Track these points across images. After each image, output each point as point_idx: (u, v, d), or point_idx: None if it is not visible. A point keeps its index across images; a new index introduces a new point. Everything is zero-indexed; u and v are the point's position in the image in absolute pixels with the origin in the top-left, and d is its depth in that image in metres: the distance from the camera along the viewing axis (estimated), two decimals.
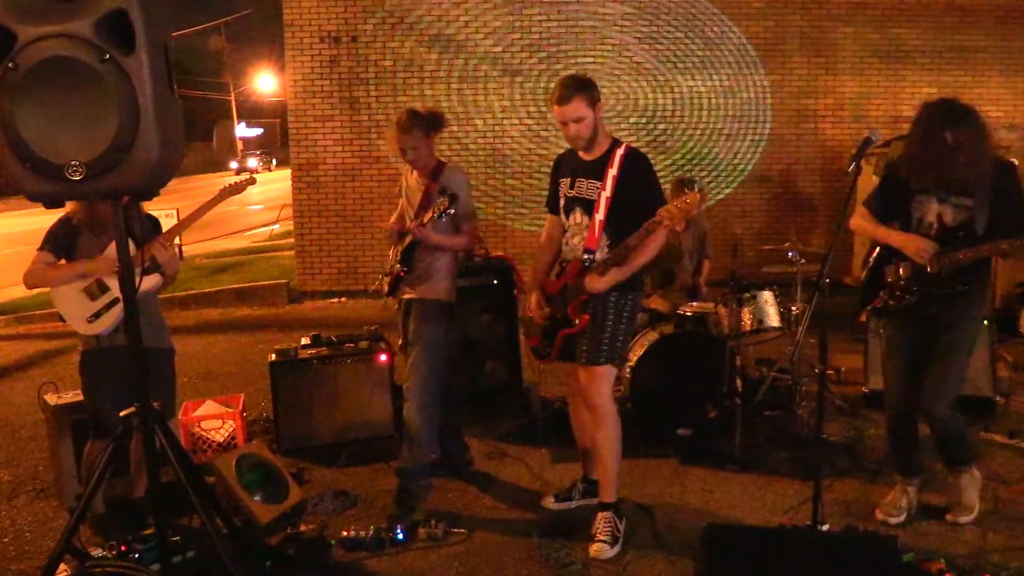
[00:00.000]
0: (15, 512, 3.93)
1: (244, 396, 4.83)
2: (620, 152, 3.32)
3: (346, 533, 3.45)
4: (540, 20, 8.86)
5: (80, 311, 3.37)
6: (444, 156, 3.97)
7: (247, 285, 9.52)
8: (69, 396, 3.88)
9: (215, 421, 4.44)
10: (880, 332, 4.76)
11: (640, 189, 3.28)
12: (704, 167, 9.08)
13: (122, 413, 2.71)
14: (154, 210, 3.68)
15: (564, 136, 3.37)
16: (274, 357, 4.59)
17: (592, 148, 3.37)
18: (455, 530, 3.54)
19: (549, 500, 3.80)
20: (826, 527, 3.23)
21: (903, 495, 3.57)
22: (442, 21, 8.85)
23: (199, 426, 4.41)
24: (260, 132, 49.15)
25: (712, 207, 8.80)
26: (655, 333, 4.62)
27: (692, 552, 3.29)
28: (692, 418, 4.45)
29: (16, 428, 5.16)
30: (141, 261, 3.26)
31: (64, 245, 3.41)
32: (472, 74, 8.93)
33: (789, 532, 3.34)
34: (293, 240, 9.76)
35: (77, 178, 2.31)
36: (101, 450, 2.83)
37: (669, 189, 5.04)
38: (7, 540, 3.65)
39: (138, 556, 3.00)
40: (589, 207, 3.35)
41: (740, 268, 4.70)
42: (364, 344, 4.72)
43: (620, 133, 7.98)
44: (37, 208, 2.56)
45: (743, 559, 3.12)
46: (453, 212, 3.61)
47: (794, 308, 4.91)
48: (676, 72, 8.99)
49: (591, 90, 3.28)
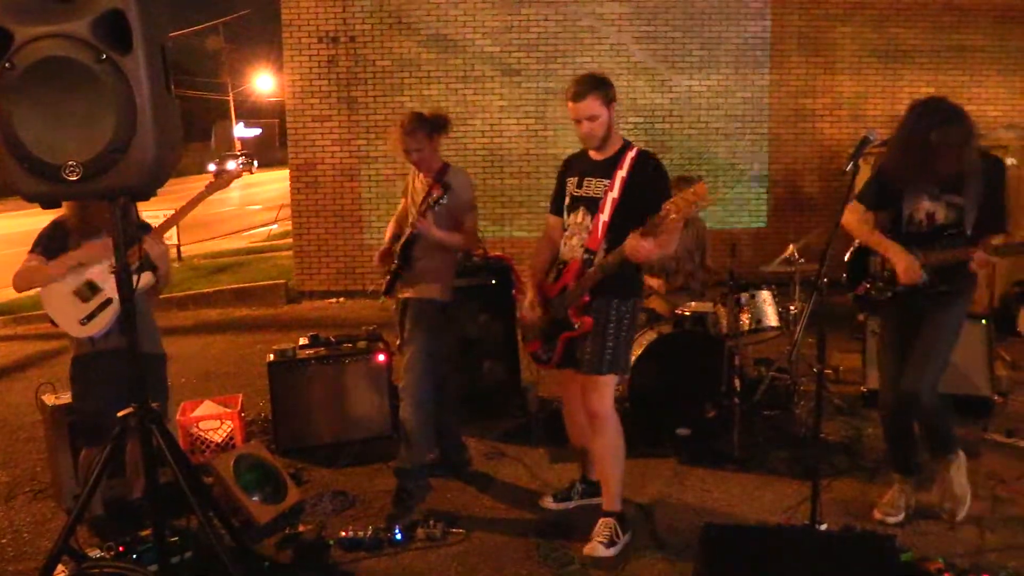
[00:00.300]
0: (13, 513, 3.92)
1: (242, 396, 4.82)
2: (631, 154, 3.27)
3: (344, 533, 3.45)
4: (538, 20, 8.86)
5: (72, 314, 3.32)
6: (442, 155, 3.97)
7: (245, 285, 9.52)
8: (67, 397, 3.86)
9: (213, 421, 4.43)
10: (877, 333, 4.77)
11: (649, 193, 3.17)
12: (702, 167, 9.07)
13: (120, 414, 2.71)
14: (152, 211, 3.67)
15: (577, 134, 3.32)
16: (272, 357, 4.60)
17: (604, 148, 3.33)
18: (453, 530, 3.54)
19: (548, 500, 3.79)
20: (824, 526, 3.22)
21: (901, 494, 3.57)
22: (440, 21, 8.85)
23: (197, 426, 4.40)
24: (258, 132, 49.02)
25: (712, 207, 8.79)
26: (653, 333, 4.62)
27: (691, 551, 3.29)
28: (691, 418, 4.45)
29: (14, 429, 5.16)
30: (136, 258, 3.24)
31: (55, 248, 3.37)
32: (470, 74, 8.92)
33: (788, 531, 3.34)
34: (291, 240, 9.75)
35: (74, 178, 2.31)
36: (98, 451, 2.82)
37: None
38: (5, 541, 3.64)
39: (136, 557, 3.00)
40: (594, 207, 3.29)
41: (738, 268, 4.70)
42: (362, 344, 4.73)
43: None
44: (35, 209, 2.55)
45: (742, 559, 3.12)
46: (445, 201, 3.61)
47: (792, 308, 4.91)
48: (674, 72, 8.99)
49: (606, 89, 3.23)
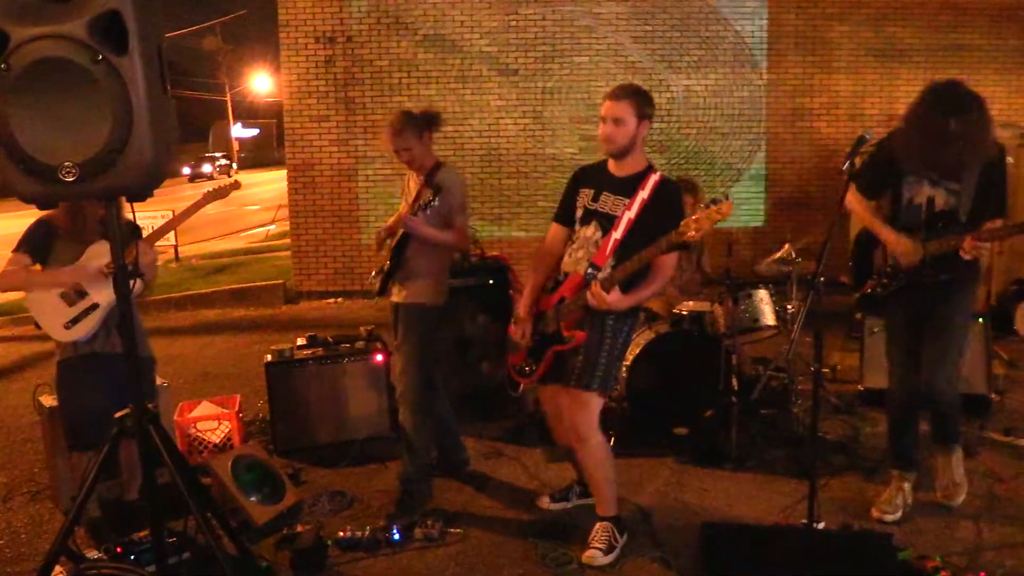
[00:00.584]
0: (11, 514, 3.92)
1: (240, 397, 4.82)
2: (655, 178, 3.20)
3: (343, 533, 3.45)
4: (535, 20, 8.86)
5: (56, 317, 3.30)
6: (439, 156, 3.96)
7: (243, 286, 9.51)
8: None
9: (211, 422, 4.43)
10: (875, 332, 4.78)
11: (666, 219, 3.09)
12: (700, 166, 9.08)
13: (117, 415, 2.70)
14: (149, 212, 3.66)
15: (599, 134, 3.25)
16: (270, 358, 4.60)
17: (623, 161, 3.26)
18: (452, 530, 3.54)
19: (545, 500, 3.79)
20: (822, 525, 3.23)
21: (899, 492, 3.58)
22: (437, 21, 8.84)
23: (195, 427, 4.40)
24: (256, 132, 48.98)
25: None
26: (651, 332, 4.62)
27: (689, 551, 3.30)
28: (688, 417, 4.45)
29: (12, 430, 5.16)
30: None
31: (41, 247, 3.35)
32: (467, 74, 8.92)
33: (785, 530, 3.35)
34: (289, 240, 9.75)
35: (70, 179, 2.30)
36: (93, 453, 2.82)
37: None
38: (3, 542, 3.64)
39: (134, 558, 3.00)
40: (608, 223, 3.21)
41: (735, 266, 4.70)
42: (360, 344, 4.73)
43: None
44: (31, 210, 2.55)
45: (740, 557, 3.13)
46: (436, 204, 3.58)
47: (790, 307, 4.91)
48: (671, 71, 8.99)
49: (645, 103, 3.19)
